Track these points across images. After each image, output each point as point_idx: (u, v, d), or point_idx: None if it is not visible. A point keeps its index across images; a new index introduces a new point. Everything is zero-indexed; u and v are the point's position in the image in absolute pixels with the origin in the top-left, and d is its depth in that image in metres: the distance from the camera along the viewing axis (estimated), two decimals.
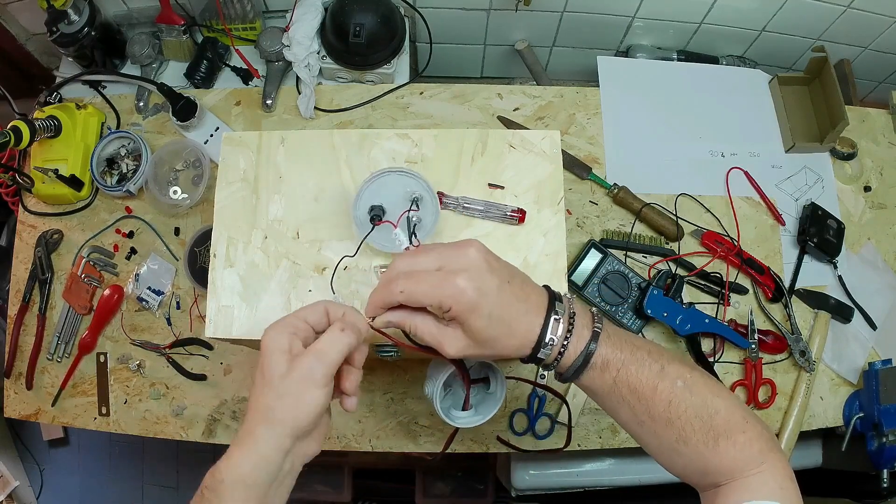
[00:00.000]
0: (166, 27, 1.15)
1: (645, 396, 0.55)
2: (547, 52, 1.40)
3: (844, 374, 1.08)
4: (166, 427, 1.02)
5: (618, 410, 0.57)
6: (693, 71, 1.25)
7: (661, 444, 0.57)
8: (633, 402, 0.55)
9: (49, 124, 1.05)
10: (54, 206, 1.12)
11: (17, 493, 1.79)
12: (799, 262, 1.11)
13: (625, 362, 0.55)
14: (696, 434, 0.54)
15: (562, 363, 0.56)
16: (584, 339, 0.55)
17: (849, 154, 1.18)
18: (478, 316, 0.52)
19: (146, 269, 1.07)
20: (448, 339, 0.54)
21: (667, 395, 0.55)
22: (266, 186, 0.73)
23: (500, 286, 0.53)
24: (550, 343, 0.54)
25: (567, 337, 0.54)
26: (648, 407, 0.55)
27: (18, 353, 1.07)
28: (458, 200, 0.72)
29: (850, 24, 1.21)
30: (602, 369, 0.55)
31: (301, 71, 1.12)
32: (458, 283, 0.51)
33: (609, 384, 0.55)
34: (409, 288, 0.53)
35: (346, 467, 1.69)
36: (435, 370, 0.75)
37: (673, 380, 0.55)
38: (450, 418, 0.74)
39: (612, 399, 0.56)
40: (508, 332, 0.54)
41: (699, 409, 0.55)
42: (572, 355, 0.55)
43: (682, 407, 0.54)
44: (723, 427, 0.55)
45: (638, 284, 1.04)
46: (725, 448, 0.54)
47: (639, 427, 0.57)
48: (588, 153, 1.15)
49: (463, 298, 0.51)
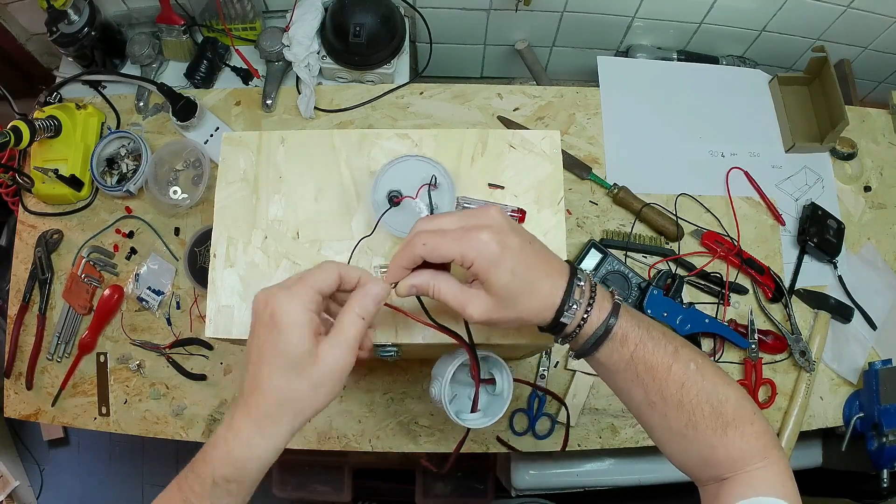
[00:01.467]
0: (166, 27, 1.15)
1: (659, 376, 0.54)
2: (547, 52, 1.40)
3: (844, 374, 1.08)
4: (166, 427, 1.02)
5: (630, 389, 0.57)
6: (693, 71, 1.25)
7: (670, 429, 0.56)
8: (648, 381, 0.55)
9: (49, 124, 1.05)
10: (54, 206, 1.12)
11: (17, 493, 1.79)
12: (799, 262, 1.11)
13: (642, 338, 0.55)
14: (706, 419, 0.54)
15: (582, 333, 0.55)
16: (605, 310, 0.55)
17: (849, 154, 1.18)
18: (501, 270, 0.51)
19: (146, 269, 1.07)
20: (471, 299, 0.53)
21: (680, 376, 0.54)
22: (266, 186, 0.73)
23: (521, 244, 0.53)
24: (574, 307, 0.54)
25: (590, 304, 0.54)
26: (661, 387, 0.55)
27: (18, 353, 1.07)
28: (458, 200, 0.72)
29: (850, 24, 1.21)
30: (621, 342, 0.55)
31: (301, 71, 1.12)
32: (481, 236, 0.51)
33: (626, 359, 0.55)
34: (432, 241, 0.52)
35: (346, 467, 1.69)
36: (440, 369, 0.74)
37: (686, 362, 0.55)
38: (460, 420, 0.74)
39: (627, 376, 0.56)
40: (531, 292, 0.53)
41: (710, 394, 0.54)
42: (594, 324, 0.54)
43: (693, 390, 0.54)
44: (732, 416, 0.54)
45: (638, 284, 1.04)
46: (733, 438, 0.54)
47: (649, 409, 0.56)
48: (588, 153, 1.15)
49: (486, 251, 0.51)
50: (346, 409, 1.02)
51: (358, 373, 1.03)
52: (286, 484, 1.68)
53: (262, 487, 0.55)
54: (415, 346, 0.69)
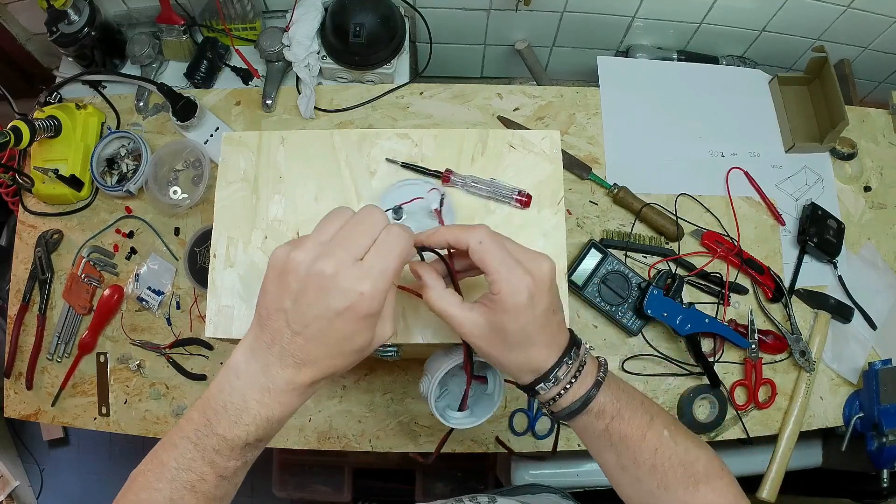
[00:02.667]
0: (166, 27, 1.15)
1: (633, 444, 0.56)
2: (547, 52, 1.40)
3: (844, 374, 1.08)
4: (166, 427, 1.02)
5: (602, 453, 0.59)
6: (693, 71, 1.25)
7: (641, 490, 0.58)
8: (621, 449, 0.57)
9: (49, 124, 1.05)
10: (54, 206, 1.12)
11: (17, 493, 1.80)
12: (799, 262, 1.11)
13: (620, 411, 0.56)
14: (678, 480, 0.56)
15: (559, 403, 0.56)
16: (585, 386, 0.56)
17: (849, 154, 1.18)
18: (514, 320, 0.52)
19: (146, 269, 1.07)
20: (469, 315, 0.53)
21: (654, 443, 0.56)
22: (266, 186, 0.73)
23: (546, 310, 0.53)
24: (550, 384, 0.55)
25: (570, 382, 0.55)
26: (635, 454, 0.56)
27: (18, 353, 1.07)
28: (466, 179, 0.72)
29: (850, 24, 1.21)
30: (597, 416, 0.56)
31: (301, 71, 1.12)
32: (523, 278, 0.50)
33: (600, 429, 0.57)
34: (489, 245, 0.51)
35: (346, 467, 1.69)
36: (432, 366, 0.74)
37: (660, 430, 0.57)
38: (444, 418, 0.73)
39: (600, 443, 0.58)
40: (524, 354, 0.54)
41: (682, 456, 0.56)
42: (571, 397, 0.56)
43: (666, 454, 0.56)
44: (703, 473, 0.57)
45: (638, 284, 1.04)
46: (705, 493, 0.56)
47: (620, 471, 0.58)
48: (588, 153, 1.15)
49: (517, 295, 0.50)
50: (346, 409, 1.02)
51: (358, 372, 1.03)
52: (286, 484, 1.68)
53: (263, 487, 0.55)
54: (415, 346, 0.69)
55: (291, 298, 0.46)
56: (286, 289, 0.46)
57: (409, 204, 0.71)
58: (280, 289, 0.47)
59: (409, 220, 0.71)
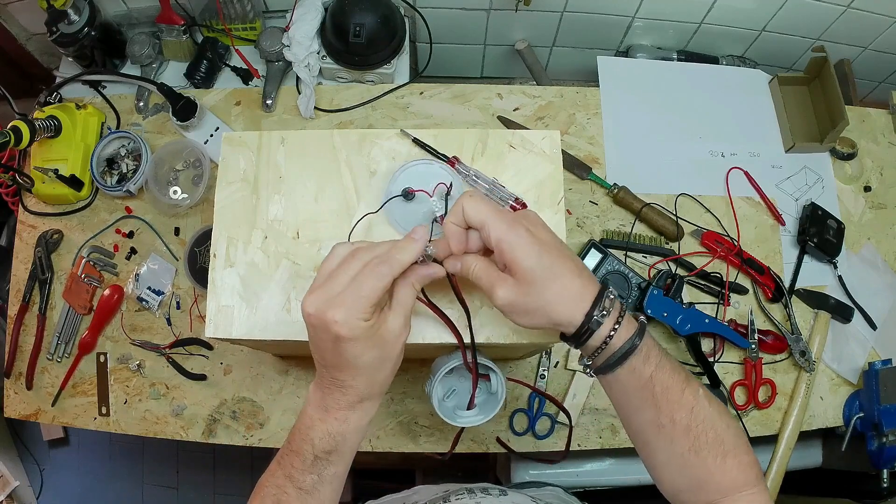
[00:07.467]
0: (166, 27, 1.15)
1: (673, 398, 0.55)
2: (547, 52, 1.40)
3: (844, 374, 1.08)
4: (166, 427, 1.02)
5: (641, 410, 0.57)
6: (693, 71, 1.25)
7: (672, 453, 0.57)
8: (662, 403, 0.55)
9: (49, 124, 1.05)
10: (54, 206, 1.12)
11: (17, 493, 1.79)
12: (799, 262, 1.11)
13: (661, 361, 0.56)
14: (709, 445, 0.55)
15: (609, 347, 0.55)
16: (632, 327, 0.55)
17: (849, 154, 1.18)
18: (527, 253, 0.53)
19: (146, 269, 1.07)
20: (500, 281, 0.55)
21: (691, 400, 0.55)
22: (266, 186, 0.73)
23: (552, 238, 0.56)
24: (605, 314, 0.54)
25: (621, 316, 0.55)
26: (673, 410, 0.55)
27: (18, 353, 1.07)
28: (471, 171, 0.72)
29: (850, 24, 1.22)
30: (645, 360, 0.55)
31: (301, 71, 1.12)
32: (516, 218, 0.55)
33: (645, 379, 0.55)
34: (477, 202, 0.55)
35: None
36: (437, 367, 0.76)
37: (695, 388, 0.56)
38: (456, 418, 0.76)
39: (642, 396, 0.56)
40: (558, 283, 0.53)
41: (715, 421, 0.56)
42: (622, 338, 0.55)
43: (701, 415, 0.55)
44: (731, 445, 0.56)
45: (638, 284, 1.04)
46: (731, 465, 0.56)
47: (656, 431, 0.57)
48: (588, 153, 1.15)
49: (517, 236, 0.53)
50: None
51: None
52: None
53: None
54: (415, 346, 0.69)
55: (311, 341, 0.56)
56: (308, 334, 0.56)
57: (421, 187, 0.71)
58: (308, 335, 0.56)
59: (416, 202, 0.71)
